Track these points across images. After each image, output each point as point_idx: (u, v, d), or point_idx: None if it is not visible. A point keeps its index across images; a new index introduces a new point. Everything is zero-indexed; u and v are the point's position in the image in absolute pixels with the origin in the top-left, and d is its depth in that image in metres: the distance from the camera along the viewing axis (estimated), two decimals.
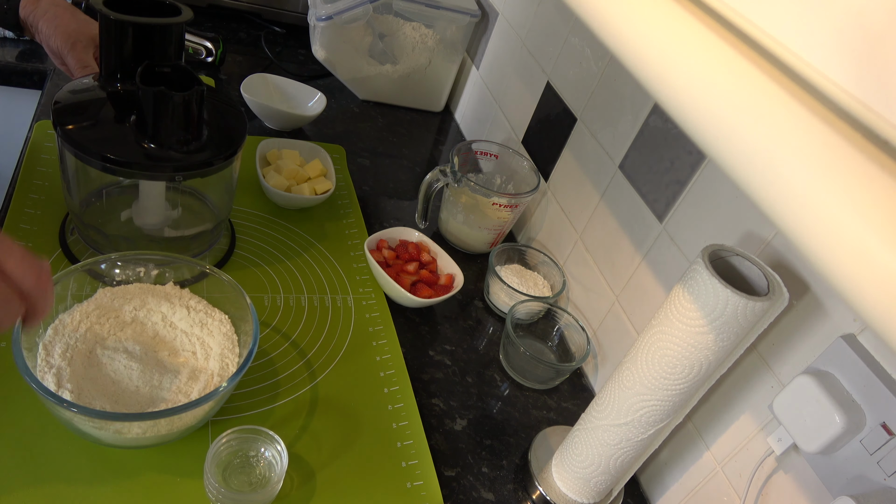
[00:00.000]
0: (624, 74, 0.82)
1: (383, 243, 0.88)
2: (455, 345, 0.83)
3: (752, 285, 0.53)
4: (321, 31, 1.12)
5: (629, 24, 0.30)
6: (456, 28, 1.20)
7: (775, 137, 0.22)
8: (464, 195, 0.93)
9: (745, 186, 0.23)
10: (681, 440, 0.70)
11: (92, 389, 0.57)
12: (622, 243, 0.80)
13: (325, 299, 0.81)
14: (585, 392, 0.84)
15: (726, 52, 0.25)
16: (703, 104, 0.25)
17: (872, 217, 0.19)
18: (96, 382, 0.58)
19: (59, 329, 0.60)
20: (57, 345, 0.58)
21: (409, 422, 0.70)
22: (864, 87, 0.21)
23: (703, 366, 0.53)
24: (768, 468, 0.59)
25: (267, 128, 1.07)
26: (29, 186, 0.79)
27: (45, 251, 0.73)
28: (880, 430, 0.49)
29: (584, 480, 0.64)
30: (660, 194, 0.74)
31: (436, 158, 1.19)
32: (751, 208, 0.62)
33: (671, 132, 0.73)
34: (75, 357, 0.58)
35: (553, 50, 0.98)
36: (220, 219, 0.78)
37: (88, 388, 0.57)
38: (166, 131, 0.64)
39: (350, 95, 1.25)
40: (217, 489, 0.54)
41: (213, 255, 0.80)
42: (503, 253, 0.93)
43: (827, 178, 0.20)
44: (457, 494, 0.66)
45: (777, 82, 0.23)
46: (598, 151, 0.86)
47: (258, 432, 0.59)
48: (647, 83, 0.29)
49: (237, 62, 1.21)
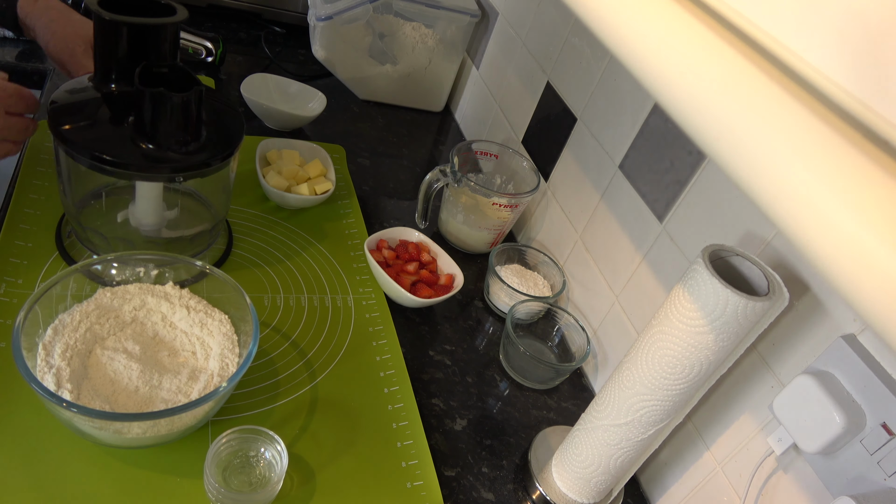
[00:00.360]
0: (624, 74, 0.82)
1: (383, 243, 0.88)
2: (455, 345, 0.83)
3: (752, 285, 0.53)
4: (321, 31, 1.13)
5: (629, 24, 0.30)
6: (456, 28, 1.20)
7: (775, 137, 0.22)
8: (464, 195, 0.93)
9: (745, 186, 0.23)
10: (681, 440, 0.70)
11: (91, 389, 0.57)
12: (622, 243, 0.80)
13: (325, 299, 0.81)
14: (585, 392, 0.84)
15: (726, 52, 0.25)
16: (703, 104, 0.25)
17: (872, 217, 0.19)
18: (96, 382, 0.58)
19: (59, 329, 0.60)
20: (57, 345, 0.58)
21: (409, 422, 0.70)
22: (864, 87, 0.21)
23: (703, 366, 0.53)
24: (768, 468, 0.59)
25: (267, 128, 1.07)
26: (28, 187, 0.79)
27: (44, 251, 0.73)
28: (880, 430, 0.49)
29: (584, 480, 0.64)
30: (660, 194, 0.74)
31: (436, 158, 1.19)
32: (751, 208, 0.62)
33: (671, 132, 0.73)
34: (75, 357, 0.58)
35: (553, 50, 0.98)
36: (218, 219, 0.78)
37: (88, 388, 0.57)
38: (165, 132, 0.64)
39: (350, 95, 1.25)
40: (217, 489, 0.54)
41: (212, 255, 0.80)
42: (503, 253, 0.93)
43: (827, 178, 0.20)
44: (457, 494, 0.66)
45: (777, 82, 0.23)
46: (598, 151, 0.86)
47: (258, 432, 0.59)
48: (646, 83, 0.29)
49: (237, 62, 1.21)
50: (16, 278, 0.69)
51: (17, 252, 0.72)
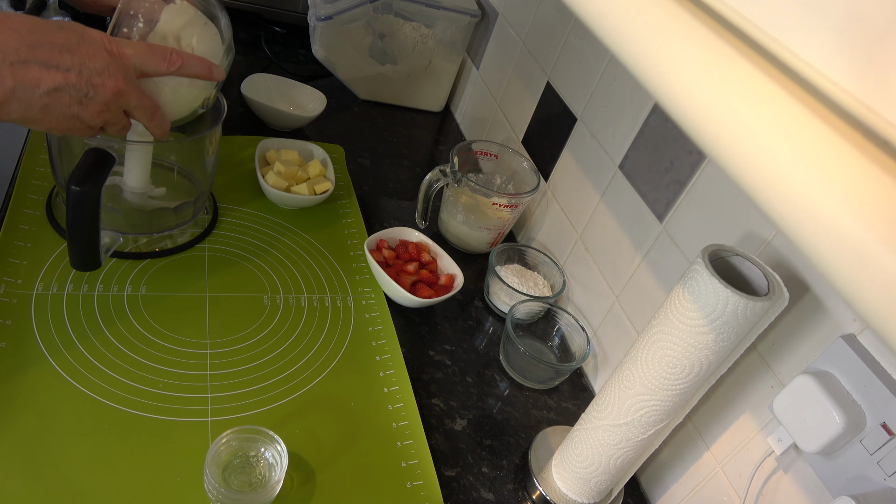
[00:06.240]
0: (624, 74, 0.82)
1: (383, 243, 0.88)
2: (455, 345, 0.83)
3: (752, 285, 0.53)
4: (321, 31, 1.12)
5: (629, 24, 0.30)
6: (456, 28, 1.20)
7: (775, 137, 0.22)
8: (464, 195, 0.93)
9: (744, 186, 0.23)
10: (681, 440, 0.70)
11: None
12: (622, 243, 0.80)
13: (325, 299, 0.81)
14: (585, 392, 0.84)
15: (726, 52, 0.25)
16: (702, 104, 0.25)
17: (872, 217, 0.19)
18: None
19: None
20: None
21: (409, 422, 0.70)
22: (864, 87, 0.21)
23: (703, 366, 0.53)
24: (768, 468, 0.59)
25: (267, 128, 1.07)
26: (28, 187, 0.79)
27: (44, 251, 0.73)
28: (880, 430, 0.49)
29: (584, 480, 0.64)
30: (660, 194, 0.74)
31: (436, 158, 1.19)
32: (751, 208, 0.62)
33: (671, 132, 0.73)
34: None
35: (553, 50, 0.98)
36: (202, 191, 0.81)
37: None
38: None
39: (350, 95, 1.25)
40: (217, 489, 0.54)
41: (199, 225, 0.84)
42: (503, 253, 0.93)
43: (827, 178, 0.20)
44: (457, 494, 0.66)
45: (777, 82, 0.23)
46: (598, 151, 0.86)
47: (258, 432, 0.59)
48: (646, 83, 0.29)
49: (237, 62, 1.21)
50: (15, 278, 0.69)
51: (17, 252, 0.72)
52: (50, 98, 0.53)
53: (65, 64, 0.53)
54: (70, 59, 0.53)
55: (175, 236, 0.80)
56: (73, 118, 0.56)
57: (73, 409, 0.60)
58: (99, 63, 0.55)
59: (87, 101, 0.55)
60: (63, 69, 0.53)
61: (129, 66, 0.58)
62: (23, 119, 0.54)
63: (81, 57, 0.54)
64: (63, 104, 0.54)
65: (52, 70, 0.53)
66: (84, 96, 0.55)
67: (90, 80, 0.55)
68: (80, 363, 0.64)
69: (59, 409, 0.60)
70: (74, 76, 0.54)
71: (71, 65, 0.53)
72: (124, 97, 0.58)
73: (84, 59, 0.54)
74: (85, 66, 0.54)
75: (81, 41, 0.54)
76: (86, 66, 0.54)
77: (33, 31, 0.52)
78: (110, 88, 0.56)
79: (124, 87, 0.57)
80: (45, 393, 0.61)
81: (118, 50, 0.57)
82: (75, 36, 0.54)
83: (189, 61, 0.61)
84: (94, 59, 0.55)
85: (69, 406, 0.60)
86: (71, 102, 0.55)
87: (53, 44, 0.53)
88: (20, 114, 0.53)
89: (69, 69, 0.53)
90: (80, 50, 0.54)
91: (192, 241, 0.81)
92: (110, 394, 0.62)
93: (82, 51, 0.54)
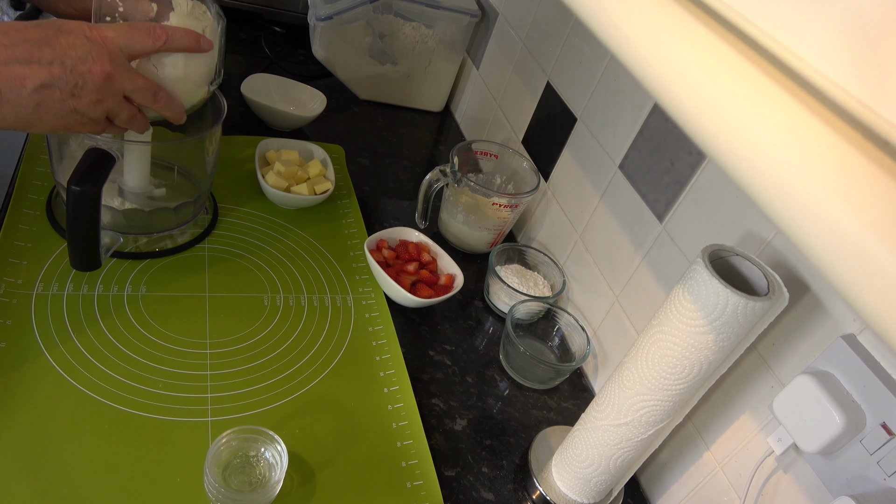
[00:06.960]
0: (624, 74, 0.82)
1: (383, 243, 0.88)
2: (455, 345, 0.83)
3: (752, 285, 0.53)
4: (321, 31, 1.12)
5: (628, 24, 0.30)
6: (456, 28, 1.20)
7: (775, 137, 0.22)
8: (464, 195, 0.93)
9: (744, 186, 0.23)
10: (681, 440, 0.70)
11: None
12: (622, 243, 0.80)
13: (325, 299, 0.81)
14: (585, 392, 0.84)
15: (726, 51, 0.25)
16: (702, 104, 0.25)
17: (872, 217, 0.19)
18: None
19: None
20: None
21: (409, 422, 0.70)
22: (864, 87, 0.21)
23: (703, 366, 0.53)
24: (768, 468, 0.59)
25: (267, 128, 1.07)
26: (28, 187, 0.79)
27: (44, 251, 0.73)
28: (880, 430, 0.49)
29: (584, 480, 0.64)
30: (660, 194, 0.74)
31: (436, 158, 1.19)
32: (751, 208, 0.62)
33: (671, 132, 0.73)
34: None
35: (553, 50, 0.98)
36: (202, 191, 0.81)
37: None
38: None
39: (350, 95, 1.25)
40: (217, 489, 0.54)
41: (199, 225, 0.84)
42: (503, 253, 0.93)
43: (827, 178, 0.20)
44: (457, 494, 0.66)
45: (777, 82, 0.23)
46: (598, 151, 0.86)
47: (258, 432, 0.59)
48: (646, 83, 0.29)
49: (237, 62, 1.21)
50: (16, 278, 0.69)
51: (17, 252, 0.72)
52: (40, 95, 0.53)
53: (46, 58, 0.52)
54: (50, 52, 0.53)
55: (175, 236, 0.80)
56: (71, 113, 0.55)
57: (73, 408, 0.60)
58: (80, 51, 0.54)
59: (78, 92, 0.54)
60: (45, 63, 0.52)
61: (114, 49, 0.56)
62: (20, 121, 0.54)
63: (61, 48, 0.53)
64: (55, 99, 0.54)
65: (34, 65, 0.52)
66: (74, 87, 0.54)
67: (74, 68, 0.54)
68: (79, 363, 0.64)
69: (58, 409, 0.60)
70: (58, 68, 0.53)
71: (52, 58, 0.53)
72: (116, 81, 0.56)
73: (65, 50, 0.53)
74: (67, 56, 0.53)
75: (59, 32, 0.54)
76: (67, 55, 0.53)
77: (7, 33, 0.52)
78: (98, 74, 0.55)
79: (111, 70, 0.55)
80: (45, 392, 0.61)
81: (99, 34, 0.56)
82: (52, 29, 0.54)
83: (174, 34, 0.60)
84: (75, 47, 0.54)
85: (69, 406, 0.60)
86: (63, 96, 0.54)
87: (30, 40, 0.52)
88: (14, 117, 0.53)
89: (51, 62, 0.53)
90: (58, 41, 0.53)
91: (192, 241, 0.81)
92: (110, 393, 0.62)
93: (61, 42, 0.53)
